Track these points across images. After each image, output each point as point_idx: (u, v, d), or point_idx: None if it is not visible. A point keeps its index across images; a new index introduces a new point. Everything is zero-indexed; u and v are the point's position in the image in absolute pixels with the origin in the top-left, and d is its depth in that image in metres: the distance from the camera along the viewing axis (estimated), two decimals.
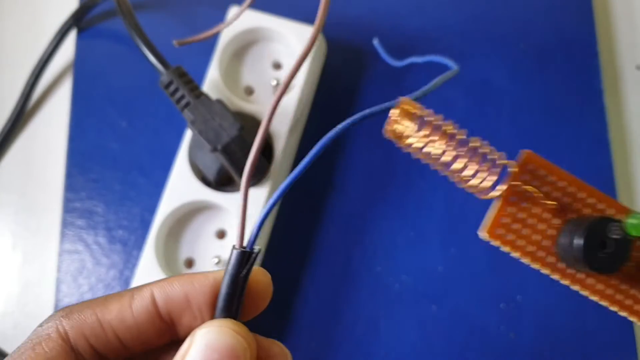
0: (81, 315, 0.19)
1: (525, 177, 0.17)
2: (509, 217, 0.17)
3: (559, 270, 0.18)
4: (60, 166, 0.39)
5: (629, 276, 0.18)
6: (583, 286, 0.18)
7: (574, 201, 0.18)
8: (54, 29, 0.41)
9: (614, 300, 0.18)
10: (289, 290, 0.37)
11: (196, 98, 0.31)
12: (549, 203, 0.17)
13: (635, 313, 0.18)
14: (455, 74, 0.23)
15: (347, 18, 0.41)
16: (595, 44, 0.40)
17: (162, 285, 0.20)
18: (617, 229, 0.17)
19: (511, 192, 0.17)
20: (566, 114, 0.39)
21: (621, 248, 0.17)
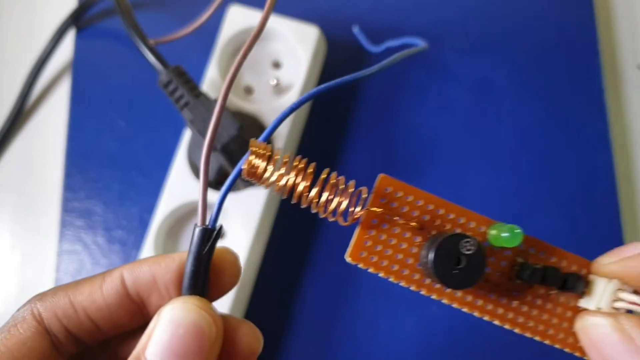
0: (54, 297, 0.19)
1: (384, 200, 0.18)
2: (370, 240, 0.18)
3: (425, 286, 0.18)
4: (59, 166, 0.39)
5: (497, 286, 0.18)
6: (451, 299, 0.18)
7: (434, 218, 0.18)
8: (52, 27, 0.40)
9: (484, 310, 0.18)
10: (289, 290, 0.37)
11: (195, 97, 0.31)
12: (408, 223, 0.18)
13: (509, 321, 0.18)
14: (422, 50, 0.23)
15: (347, 17, 0.41)
16: (597, 43, 0.40)
17: (131, 266, 0.20)
18: (469, 244, 0.17)
19: (370, 216, 0.18)
20: (567, 113, 0.39)
21: (475, 263, 0.17)
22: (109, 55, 0.41)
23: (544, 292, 0.19)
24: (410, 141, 0.39)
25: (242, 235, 0.34)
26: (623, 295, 0.17)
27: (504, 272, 0.19)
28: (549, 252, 0.19)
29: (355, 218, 0.18)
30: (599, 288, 0.18)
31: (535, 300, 0.19)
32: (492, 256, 0.19)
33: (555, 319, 0.19)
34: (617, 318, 0.17)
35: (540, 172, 0.38)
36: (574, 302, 0.19)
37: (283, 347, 0.36)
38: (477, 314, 0.19)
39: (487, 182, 0.38)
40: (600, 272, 0.18)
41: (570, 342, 0.19)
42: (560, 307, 0.19)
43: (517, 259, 0.19)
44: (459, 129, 0.39)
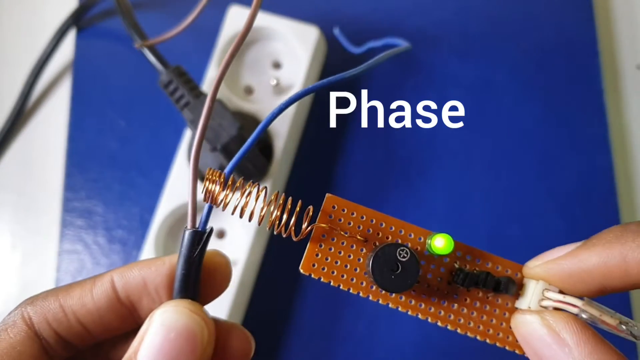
0: (44, 301, 0.19)
1: (331, 216, 0.20)
2: (320, 253, 0.20)
3: (371, 292, 0.20)
4: (60, 166, 0.39)
5: (438, 290, 0.20)
6: (395, 303, 0.20)
7: (377, 231, 0.20)
8: (53, 28, 0.40)
9: (427, 312, 0.20)
10: (289, 289, 0.37)
11: (195, 97, 0.31)
12: (354, 236, 0.20)
13: (450, 322, 0.20)
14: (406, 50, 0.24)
15: (347, 17, 0.41)
16: (596, 44, 0.40)
17: (121, 270, 0.20)
18: (403, 252, 0.19)
19: (319, 231, 0.20)
20: (567, 113, 0.39)
21: (410, 268, 0.19)
22: (110, 56, 0.41)
23: (482, 295, 0.21)
24: (410, 141, 0.39)
25: (242, 234, 0.34)
26: (549, 294, 0.19)
27: (443, 278, 0.20)
28: (484, 259, 0.21)
29: (305, 233, 0.20)
30: (530, 289, 0.20)
31: (474, 302, 0.21)
32: (432, 263, 0.20)
33: (494, 319, 0.21)
34: (542, 314, 0.18)
35: (539, 172, 0.38)
36: (511, 303, 0.21)
37: (283, 345, 0.36)
38: (420, 316, 0.20)
39: (486, 182, 0.38)
40: (528, 274, 0.20)
41: (509, 340, 0.21)
42: (498, 309, 0.21)
43: (455, 265, 0.20)
44: (459, 128, 0.39)
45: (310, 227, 0.20)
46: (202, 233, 0.20)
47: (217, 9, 0.39)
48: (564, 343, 0.17)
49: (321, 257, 0.20)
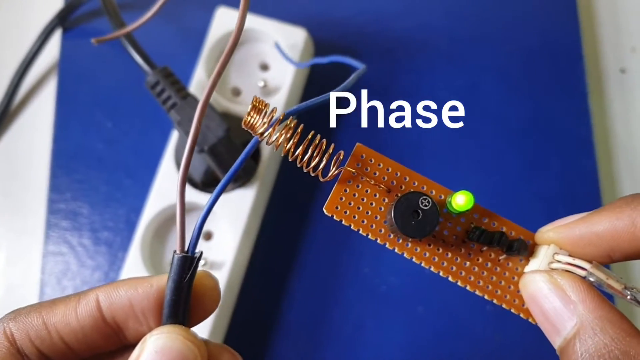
0: (27, 317, 0.19)
1: (359, 165, 0.21)
2: (344, 196, 0.21)
3: (388, 240, 0.21)
4: (45, 167, 0.39)
5: (453, 246, 0.21)
6: (410, 253, 0.21)
7: (400, 183, 0.21)
8: (38, 28, 0.40)
9: (439, 266, 0.21)
10: (276, 292, 0.37)
11: (183, 99, 0.31)
12: (379, 185, 0.21)
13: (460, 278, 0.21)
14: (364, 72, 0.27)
15: (334, 19, 0.41)
16: (581, 48, 0.40)
17: (107, 289, 0.20)
18: (425, 201, 0.20)
19: (346, 176, 0.21)
20: (551, 116, 0.39)
21: (430, 217, 0.20)
22: (96, 56, 0.41)
23: (494, 256, 0.21)
24: (396, 141, 0.39)
25: (229, 235, 0.34)
26: (559, 257, 0.20)
27: (459, 236, 0.21)
28: (500, 223, 0.22)
29: (334, 175, 0.20)
30: (541, 253, 0.21)
31: (486, 263, 0.21)
32: (450, 221, 0.21)
33: (502, 281, 0.21)
34: (550, 273, 0.19)
35: (525, 174, 0.38)
36: (521, 268, 0.21)
37: (270, 347, 0.36)
38: (433, 269, 0.21)
39: (472, 184, 0.38)
40: (540, 239, 0.21)
41: (516, 303, 0.21)
42: (507, 272, 0.21)
43: (471, 225, 0.21)
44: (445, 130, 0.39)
45: (339, 170, 0.20)
46: (191, 258, 0.19)
47: (205, 10, 0.39)
48: (570, 300, 0.18)
49: (345, 201, 0.21)
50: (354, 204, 0.21)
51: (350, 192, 0.21)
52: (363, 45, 0.41)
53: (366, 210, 0.21)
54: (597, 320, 0.17)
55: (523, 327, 0.36)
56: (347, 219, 0.21)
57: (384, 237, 0.21)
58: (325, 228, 0.37)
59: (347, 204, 0.21)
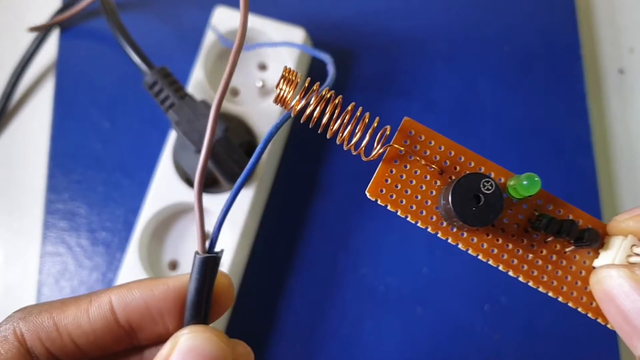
0: (38, 318, 0.19)
1: (406, 142, 0.19)
2: (390, 178, 0.18)
3: (441, 229, 0.19)
4: (42, 167, 0.39)
5: (514, 237, 0.19)
6: (466, 244, 0.18)
7: (454, 164, 0.19)
8: None
9: (499, 259, 0.19)
10: (274, 292, 0.37)
11: (181, 99, 0.31)
12: (430, 165, 0.18)
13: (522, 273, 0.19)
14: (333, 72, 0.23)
15: (333, 20, 0.41)
16: (579, 48, 0.40)
17: (120, 292, 0.20)
18: (488, 184, 0.18)
19: (392, 154, 0.18)
20: (549, 116, 0.39)
21: (493, 203, 0.17)
22: (94, 56, 0.41)
23: (560, 248, 0.19)
24: None
25: (227, 235, 0.34)
26: (638, 250, 0.18)
27: (520, 225, 0.19)
28: (566, 210, 0.19)
29: (379, 154, 0.18)
30: (615, 245, 0.18)
31: (550, 255, 0.19)
32: (510, 208, 0.19)
33: (569, 276, 0.19)
34: (632, 268, 0.17)
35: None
36: (589, 262, 0.19)
37: (268, 347, 0.36)
38: (492, 262, 0.19)
39: None
40: (616, 229, 0.19)
41: (583, 301, 0.19)
42: (574, 265, 0.19)
43: (534, 212, 0.19)
44: (443, 131, 0.39)
45: (384, 148, 0.18)
46: (214, 258, 0.19)
47: (203, 9, 0.39)
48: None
49: (391, 184, 0.18)
50: (401, 187, 0.18)
51: (397, 173, 0.18)
52: (361, 45, 0.41)
53: (415, 194, 0.18)
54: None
55: (521, 329, 0.36)
56: (392, 203, 0.18)
57: (436, 226, 0.19)
58: (324, 228, 0.37)
59: (393, 186, 0.18)
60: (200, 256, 0.19)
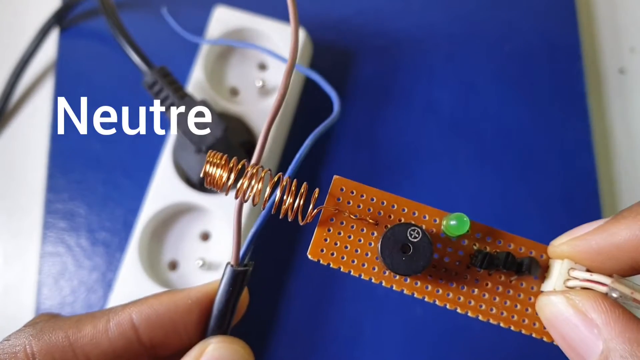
0: (52, 336, 0.18)
1: (339, 199, 0.19)
2: (329, 237, 0.19)
3: (384, 277, 0.19)
4: (42, 167, 0.39)
5: (457, 275, 0.19)
6: (411, 289, 0.19)
7: (388, 213, 0.19)
8: (35, 27, 0.40)
9: (445, 298, 0.19)
10: (274, 293, 0.37)
11: (180, 99, 0.31)
12: (364, 219, 0.19)
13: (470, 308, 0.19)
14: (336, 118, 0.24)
15: (333, 19, 0.41)
16: (579, 48, 0.40)
17: (141, 309, 0.19)
18: (414, 232, 0.18)
19: (327, 215, 0.19)
20: (550, 116, 0.39)
21: (423, 250, 0.18)
22: (93, 56, 0.41)
23: (504, 279, 0.19)
24: (395, 143, 0.39)
25: (227, 236, 0.34)
26: (575, 273, 0.18)
27: (462, 262, 0.19)
28: (506, 240, 0.19)
29: (312, 216, 0.18)
30: (555, 269, 0.19)
31: (496, 287, 0.19)
32: (450, 246, 0.19)
33: (518, 304, 0.19)
34: (568, 294, 0.17)
35: (523, 174, 0.38)
36: (537, 287, 0.19)
37: (268, 348, 0.36)
38: (438, 302, 0.19)
39: (471, 184, 0.38)
40: (553, 253, 0.19)
41: (536, 327, 0.19)
42: (522, 293, 0.19)
43: (474, 247, 0.19)
44: (443, 131, 0.39)
45: (317, 210, 0.19)
46: (245, 271, 0.20)
47: (202, 8, 0.38)
48: (592, 324, 0.16)
49: (330, 242, 0.19)
50: (340, 243, 0.19)
51: (334, 231, 0.19)
52: (361, 44, 0.41)
53: (355, 248, 0.19)
54: (626, 345, 0.15)
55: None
56: (334, 261, 0.19)
57: (379, 276, 0.19)
58: None
59: (332, 244, 0.19)
60: (233, 269, 0.19)
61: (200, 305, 0.20)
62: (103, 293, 0.36)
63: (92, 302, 0.36)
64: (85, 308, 0.36)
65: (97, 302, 0.36)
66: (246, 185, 0.18)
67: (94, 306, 0.36)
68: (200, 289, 0.20)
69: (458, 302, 0.19)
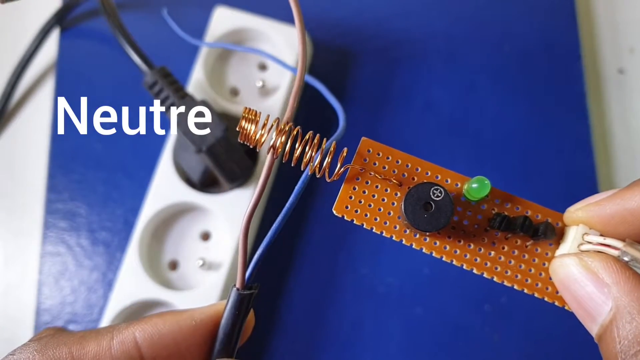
0: (56, 352, 0.18)
1: (366, 160, 0.20)
2: (354, 195, 0.20)
3: (404, 236, 0.20)
4: (42, 167, 0.39)
5: (475, 236, 0.20)
6: (429, 248, 0.20)
7: (412, 175, 0.20)
8: (36, 27, 0.40)
9: (461, 258, 0.20)
10: (274, 292, 0.37)
11: (181, 99, 0.31)
12: (389, 179, 0.20)
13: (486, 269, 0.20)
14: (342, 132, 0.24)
15: (333, 20, 0.41)
16: (579, 48, 0.40)
17: (145, 327, 0.19)
18: (437, 191, 0.19)
19: (354, 173, 0.20)
20: (549, 116, 0.39)
21: (444, 208, 0.19)
22: (94, 56, 0.41)
23: (520, 243, 0.20)
24: (395, 143, 0.39)
25: (227, 236, 0.34)
26: (589, 238, 0.19)
27: (480, 225, 0.20)
28: (523, 206, 0.20)
29: (339, 174, 0.19)
30: (570, 235, 0.19)
31: (512, 251, 0.20)
32: (469, 210, 0.20)
33: (532, 268, 0.20)
34: (580, 256, 0.18)
35: (522, 174, 0.38)
36: (551, 253, 0.20)
37: (268, 348, 0.36)
38: (455, 262, 0.20)
39: None
40: (569, 220, 0.20)
41: (549, 291, 0.20)
42: (537, 258, 0.20)
43: (492, 212, 0.20)
44: (443, 131, 0.39)
45: (345, 168, 0.20)
46: (250, 295, 0.20)
47: (203, 9, 0.39)
48: (603, 283, 0.17)
49: (354, 200, 0.20)
50: (364, 201, 0.20)
51: (360, 189, 0.20)
52: (361, 44, 0.41)
53: (378, 207, 0.20)
54: (635, 303, 0.16)
55: (521, 329, 0.36)
56: (358, 218, 0.20)
57: (400, 234, 0.20)
58: (324, 228, 0.37)
59: (357, 202, 0.20)
60: (238, 292, 0.20)
61: (204, 328, 0.20)
62: (103, 293, 0.36)
63: (92, 302, 0.36)
64: (85, 308, 0.36)
65: (98, 302, 0.36)
66: (279, 142, 0.19)
67: (95, 306, 0.36)
68: (205, 310, 0.20)
69: (475, 262, 0.20)
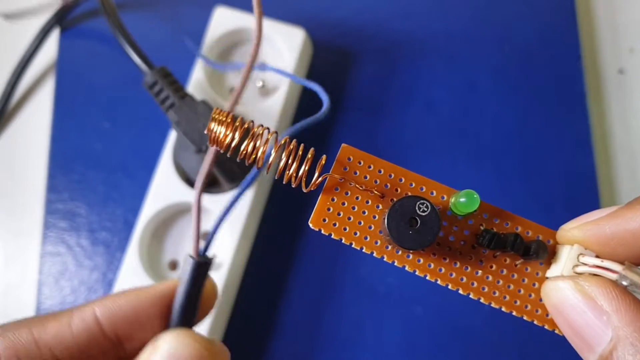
0: (16, 334, 0.18)
1: (346, 169, 0.18)
2: (332, 207, 0.18)
3: (386, 252, 0.18)
4: (42, 167, 0.39)
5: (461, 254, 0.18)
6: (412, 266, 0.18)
7: (395, 186, 0.19)
8: (36, 27, 0.40)
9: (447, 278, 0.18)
10: (274, 292, 0.37)
11: (181, 99, 0.31)
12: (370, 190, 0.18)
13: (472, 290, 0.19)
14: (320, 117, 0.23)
15: (333, 20, 0.41)
16: (579, 48, 0.40)
17: (105, 302, 0.19)
18: (423, 206, 0.17)
19: (332, 183, 0.18)
20: (550, 116, 0.39)
21: (430, 224, 0.17)
22: (94, 56, 0.41)
23: (509, 262, 0.19)
24: (395, 143, 0.39)
25: (227, 236, 0.34)
26: (585, 259, 0.17)
27: (467, 241, 0.19)
28: (513, 222, 0.19)
29: (317, 184, 0.18)
30: (563, 255, 0.18)
31: (501, 270, 0.19)
32: (455, 225, 0.19)
33: (522, 289, 0.19)
34: (576, 280, 0.17)
35: (522, 174, 0.38)
36: (542, 273, 0.19)
37: (268, 348, 0.36)
38: (440, 282, 0.19)
39: (470, 184, 0.38)
40: (563, 238, 0.18)
41: (538, 314, 0.19)
42: (527, 278, 0.19)
43: (480, 227, 0.19)
44: (443, 131, 0.39)
45: (323, 177, 0.18)
46: (205, 264, 0.20)
47: (202, 8, 0.39)
48: (602, 310, 0.15)
49: (333, 212, 0.18)
50: (343, 214, 0.18)
51: (339, 201, 0.18)
52: (361, 44, 0.41)
53: (358, 220, 0.18)
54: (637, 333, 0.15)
55: (521, 329, 0.36)
56: (336, 232, 0.18)
57: (381, 250, 0.18)
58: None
59: (335, 214, 0.18)
60: (194, 260, 0.19)
61: (163, 298, 0.20)
62: (103, 293, 0.36)
63: None
64: None
65: None
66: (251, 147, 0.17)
67: None
68: (166, 283, 0.20)
69: (460, 282, 0.19)
